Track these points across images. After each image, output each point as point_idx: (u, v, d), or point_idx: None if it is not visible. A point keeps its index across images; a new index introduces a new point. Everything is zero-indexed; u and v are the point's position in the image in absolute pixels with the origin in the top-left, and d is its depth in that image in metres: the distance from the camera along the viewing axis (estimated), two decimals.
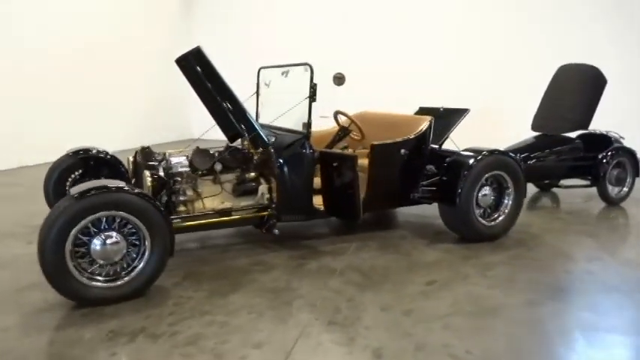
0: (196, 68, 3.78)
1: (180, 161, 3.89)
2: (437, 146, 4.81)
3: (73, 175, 4.50)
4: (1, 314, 2.81)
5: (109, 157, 4.57)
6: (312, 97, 3.83)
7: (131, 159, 4.11)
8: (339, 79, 3.86)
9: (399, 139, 4.22)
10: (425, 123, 4.40)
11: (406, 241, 4.24)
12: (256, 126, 3.95)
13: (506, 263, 3.73)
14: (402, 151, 4.22)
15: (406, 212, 5.14)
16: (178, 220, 3.66)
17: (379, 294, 3.16)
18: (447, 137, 4.89)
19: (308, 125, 3.89)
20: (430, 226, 4.66)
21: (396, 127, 4.61)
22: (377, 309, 2.95)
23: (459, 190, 4.04)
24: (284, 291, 3.17)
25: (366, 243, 4.18)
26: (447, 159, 4.32)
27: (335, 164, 3.81)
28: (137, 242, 3.02)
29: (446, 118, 5.07)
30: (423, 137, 4.35)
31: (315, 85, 3.81)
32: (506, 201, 4.35)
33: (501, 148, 4.99)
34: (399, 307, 2.98)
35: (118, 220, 2.94)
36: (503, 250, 4.03)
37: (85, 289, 2.85)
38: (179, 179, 3.77)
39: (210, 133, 4.29)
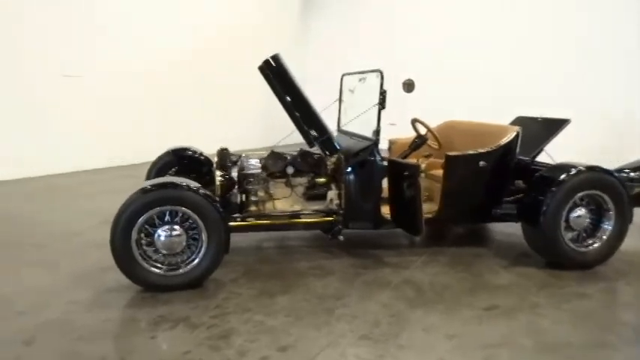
0: (274, 74, 3.91)
1: (253, 163, 4.08)
2: (529, 159, 4.43)
3: (170, 171, 4.94)
4: (80, 289, 3.19)
5: (202, 157, 4.94)
6: (382, 103, 3.76)
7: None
8: (408, 86, 3.73)
9: (476, 151, 3.95)
10: (511, 134, 4.07)
11: (481, 260, 3.95)
12: (328, 131, 3.98)
13: (590, 297, 3.29)
14: (481, 163, 3.95)
15: (495, 229, 4.79)
16: (251, 218, 3.83)
17: (428, 313, 3.00)
18: (541, 150, 4.47)
19: (377, 132, 3.83)
20: (516, 246, 4.28)
21: (481, 137, 4.33)
22: (419, 329, 2.80)
23: (544, 209, 3.66)
24: (330, 298, 3.16)
25: (436, 257, 3.98)
26: (536, 174, 3.94)
27: (399, 173, 3.69)
28: (197, 237, 3.23)
29: (543, 129, 4.63)
30: (507, 149, 4.02)
31: (385, 91, 3.74)
32: (605, 225, 3.84)
33: (617, 164, 4.47)
34: (443, 330, 2.79)
35: (180, 215, 3.18)
36: (594, 281, 3.56)
37: (147, 274, 3.13)
38: (252, 180, 3.96)
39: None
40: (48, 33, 7.04)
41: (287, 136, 4.52)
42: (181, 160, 4.89)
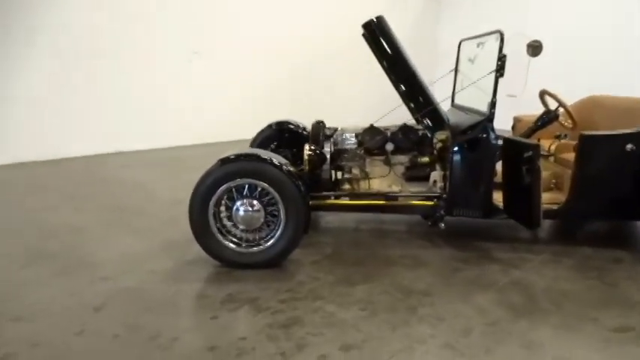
0: (376, 36, 3.50)
1: (349, 138, 3.76)
2: None
3: (271, 145, 4.83)
4: (163, 258, 3.19)
5: (304, 131, 4.73)
6: (500, 70, 3.15)
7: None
8: (534, 49, 3.06)
9: (622, 131, 3.16)
10: None
11: (619, 267, 3.19)
12: (434, 102, 3.48)
13: None
14: (629, 146, 3.15)
15: None
16: (343, 198, 3.55)
17: (536, 326, 2.43)
18: None
19: (492, 105, 3.24)
20: None
21: (631, 115, 3.48)
22: (519, 345, 2.27)
23: None
24: (417, 294, 2.74)
25: (559, 258, 3.30)
26: None
27: (517, 154, 3.08)
28: (276, 213, 3.02)
29: None
30: None
31: (504, 56, 3.13)
32: None
33: None
34: (552, 351, 2.23)
35: (259, 189, 2.99)
36: None
37: (223, 249, 3.00)
38: (346, 156, 3.65)
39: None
40: (176, 12, 7.37)
41: (391, 111, 4.07)
42: (282, 134, 4.72)
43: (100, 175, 5.65)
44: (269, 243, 3.01)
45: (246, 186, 2.99)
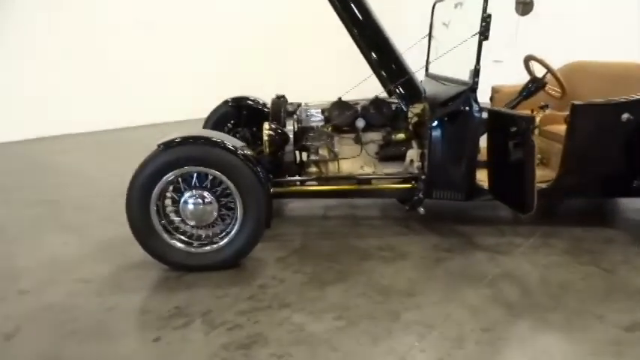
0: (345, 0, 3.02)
1: (314, 114, 3.31)
2: None
3: (228, 125, 4.32)
4: (100, 263, 2.70)
5: (265, 108, 4.24)
6: (484, 33, 2.75)
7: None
8: (524, 6, 2.67)
9: (618, 99, 2.83)
10: None
11: (614, 248, 2.91)
12: (408, 71, 3.06)
13: None
14: (625, 116, 2.84)
15: (628, 205, 3.64)
16: (310, 183, 3.13)
17: (538, 328, 2.10)
18: None
19: (476, 73, 2.84)
20: None
21: (622, 83, 3.17)
22: (524, 355, 1.93)
23: None
24: (399, 294, 2.36)
25: (548, 241, 3.00)
26: None
27: (504, 129, 2.71)
28: (232, 205, 2.56)
29: None
30: None
31: (489, 16, 2.73)
32: None
33: None
34: (559, 358, 1.90)
35: (210, 178, 2.52)
36: None
37: (171, 251, 2.54)
38: (312, 135, 3.20)
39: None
40: None
41: (360, 82, 3.61)
42: (240, 112, 4.21)
43: (35, 161, 5.02)
44: (224, 240, 2.56)
45: (195, 175, 2.51)
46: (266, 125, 3.03)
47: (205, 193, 2.52)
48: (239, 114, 4.19)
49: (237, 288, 2.41)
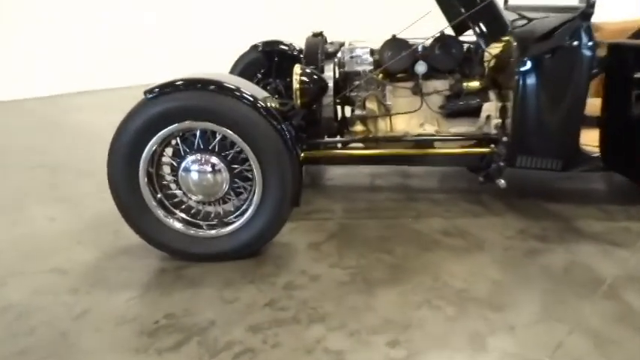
0: None
1: (361, 56, 2.54)
2: None
3: (257, 75, 3.62)
4: (83, 246, 2.13)
5: (301, 54, 3.50)
6: None
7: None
8: None
9: None
10: None
11: None
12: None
13: None
14: None
15: None
16: (357, 145, 2.45)
17: None
18: None
19: None
20: None
21: None
22: None
23: None
24: (480, 306, 1.65)
25: None
26: None
27: (634, 70, 1.88)
28: (249, 175, 1.90)
29: None
30: None
31: None
32: None
33: None
34: None
35: (218, 137, 1.85)
36: None
37: (168, 234, 1.92)
38: (358, 83, 2.45)
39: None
40: None
41: (420, 18, 2.78)
42: (271, 59, 3.49)
43: (46, 120, 4.51)
44: (239, 222, 1.91)
45: (198, 133, 1.85)
46: (297, 69, 2.30)
47: (213, 158, 1.86)
48: (270, 62, 3.46)
49: (254, 288, 1.77)
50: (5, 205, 2.58)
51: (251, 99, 1.81)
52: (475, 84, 2.44)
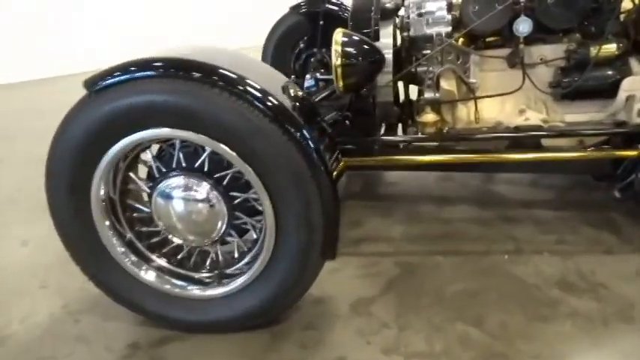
0: None
1: (435, 11, 1.74)
2: None
3: (300, 45, 2.91)
4: (53, 297, 1.54)
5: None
6: None
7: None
8: None
9: None
10: None
11: None
12: None
13: None
14: None
15: None
16: (425, 144, 1.72)
17: None
18: None
19: None
20: None
21: None
22: None
23: None
24: None
25: None
26: None
27: None
28: (258, 208, 1.22)
29: None
30: None
31: None
32: None
33: None
34: None
35: (208, 151, 1.18)
36: None
37: (138, 290, 1.29)
38: (429, 52, 1.68)
39: None
40: None
41: None
42: (316, 23, 2.74)
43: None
44: (242, 278, 1.24)
45: (178, 147, 1.19)
46: (338, 35, 1.55)
47: (203, 184, 1.19)
48: (315, 26, 2.74)
49: None
50: None
51: (255, 91, 1.10)
52: (610, 48, 1.59)
